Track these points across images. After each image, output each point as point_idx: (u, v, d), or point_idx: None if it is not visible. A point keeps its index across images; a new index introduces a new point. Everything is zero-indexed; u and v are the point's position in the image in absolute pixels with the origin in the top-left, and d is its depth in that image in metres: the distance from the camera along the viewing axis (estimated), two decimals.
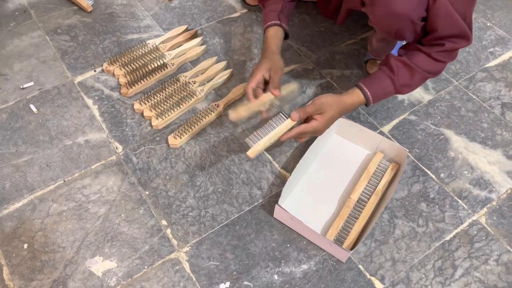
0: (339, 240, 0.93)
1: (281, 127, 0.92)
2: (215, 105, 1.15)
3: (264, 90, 0.96)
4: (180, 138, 1.08)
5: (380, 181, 1.01)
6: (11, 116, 1.13)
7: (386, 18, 0.89)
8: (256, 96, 0.94)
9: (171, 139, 1.08)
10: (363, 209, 0.96)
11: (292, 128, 0.92)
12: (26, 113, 1.14)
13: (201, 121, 1.11)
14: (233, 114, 0.93)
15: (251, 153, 0.90)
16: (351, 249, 0.90)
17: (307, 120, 0.93)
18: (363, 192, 0.99)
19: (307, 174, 1.04)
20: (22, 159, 1.05)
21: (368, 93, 0.95)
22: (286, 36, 1.05)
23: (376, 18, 0.93)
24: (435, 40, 0.92)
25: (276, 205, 0.92)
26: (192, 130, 1.10)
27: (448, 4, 0.85)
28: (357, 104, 0.96)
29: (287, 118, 0.92)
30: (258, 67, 0.96)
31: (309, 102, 0.93)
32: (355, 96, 0.95)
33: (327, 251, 0.92)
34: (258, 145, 0.90)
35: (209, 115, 1.13)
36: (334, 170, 1.05)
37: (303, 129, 0.91)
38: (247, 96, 0.95)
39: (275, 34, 1.02)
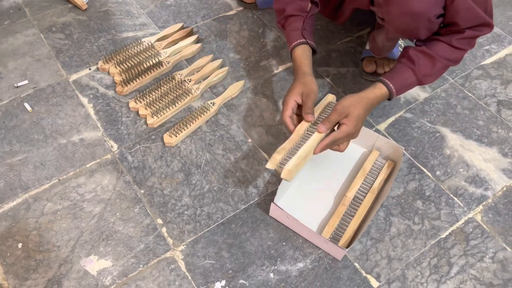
0: (334, 238, 0.93)
1: (310, 142, 0.87)
2: (211, 103, 1.14)
3: (299, 116, 0.93)
4: (176, 136, 1.08)
5: (376, 179, 1.01)
6: (5, 115, 1.12)
7: (403, 17, 0.87)
8: (294, 123, 0.91)
9: (167, 138, 1.08)
10: (359, 207, 0.96)
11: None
12: (21, 112, 1.13)
13: (196, 119, 1.11)
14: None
15: (286, 175, 0.83)
16: (347, 247, 0.90)
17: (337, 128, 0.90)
18: (359, 190, 0.99)
19: (302, 172, 1.03)
20: (17, 158, 1.05)
21: (391, 85, 0.93)
22: (313, 52, 1.02)
23: (391, 17, 0.90)
24: (455, 31, 0.91)
25: (271, 203, 0.92)
26: (187, 128, 1.09)
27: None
28: (380, 98, 0.93)
29: (312, 134, 0.88)
30: (289, 93, 0.92)
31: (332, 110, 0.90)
32: (377, 89, 0.93)
33: (323, 249, 0.92)
34: (288, 165, 0.83)
35: (205, 113, 1.12)
36: (329, 168, 1.05)
37: (334, 137, 0.87)
38: (287, 127, 0.91)
39: (303, 52, 0.98)
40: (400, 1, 0.86)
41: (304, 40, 0.99)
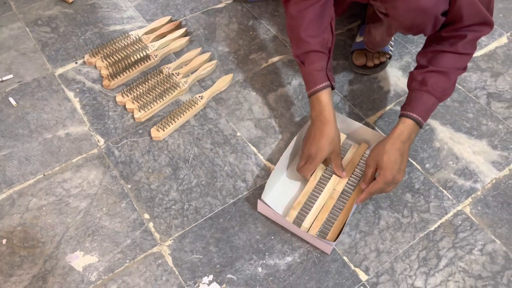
0: (323, 232, 0.92)
1: (325, 195, 0.96)
2: (199, 96, 1.13)
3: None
4: (163, 130, 1.06)
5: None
6: None
7: (410, 13, 0.85)
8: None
9: (154, 132, 1.06)
10: (347, 200, 0.95)
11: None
12: (5, 106, 1.11)
13: (184, 113, 1.10)
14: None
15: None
16: (334, 240, 0.89)
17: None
18: (347, 183, 0.98)
19: (291, 167, 1.02)
20: (1, 153, 1.03)
21: (415, 115, 0.91)
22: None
23: (398, 12, 0.87)
24: (457, 30, 0.90)
25: (258, 200, 0.91)
26: (175, 122, 1.08)
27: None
28: (409, 131, 0.91)
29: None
30: (319, 152, 0.94)
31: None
32: (401, 125, 0.92)
33: (312, 243, 0.91)
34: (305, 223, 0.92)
35: (193, 107, 1.11)
36: None
37: (371, 190, 0.91)
38: (305, 178, 0.98)
39: (329, 99, 0.95)
40: None
41: (329, 83, 0.96)
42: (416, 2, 0.83)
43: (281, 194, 0.98)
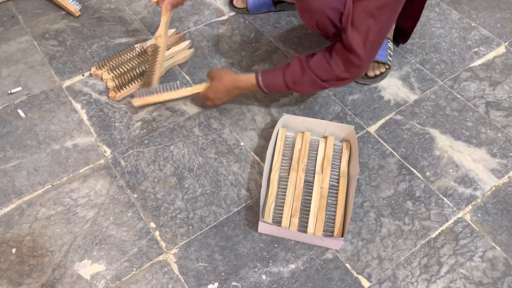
0: (327, 231, 0.95)
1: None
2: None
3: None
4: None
5: (341, 162, 1.05)
6: None
7: (304, 12, 0.97)
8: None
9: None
10: (337, 195, 1.00)
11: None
12: (14, 118, 1.14)
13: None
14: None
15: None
16: (342, 235, 0.92)
17: None
18: (330, 178, 1.03)
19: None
20: (10, 164, 1.05)
21: (260, 79, 1.05)
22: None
23: (299, 12, 1.00)
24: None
25: (259, 222, 0.93)
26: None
27: (350, 13, 0.92)
28: (247, 87, 1.08)
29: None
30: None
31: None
32: (249, 77, 1.06)
33: (320, 245, 0.94)
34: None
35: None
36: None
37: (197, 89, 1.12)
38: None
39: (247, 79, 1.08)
40: None
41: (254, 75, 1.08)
42: (306, 2, 0.95)
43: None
